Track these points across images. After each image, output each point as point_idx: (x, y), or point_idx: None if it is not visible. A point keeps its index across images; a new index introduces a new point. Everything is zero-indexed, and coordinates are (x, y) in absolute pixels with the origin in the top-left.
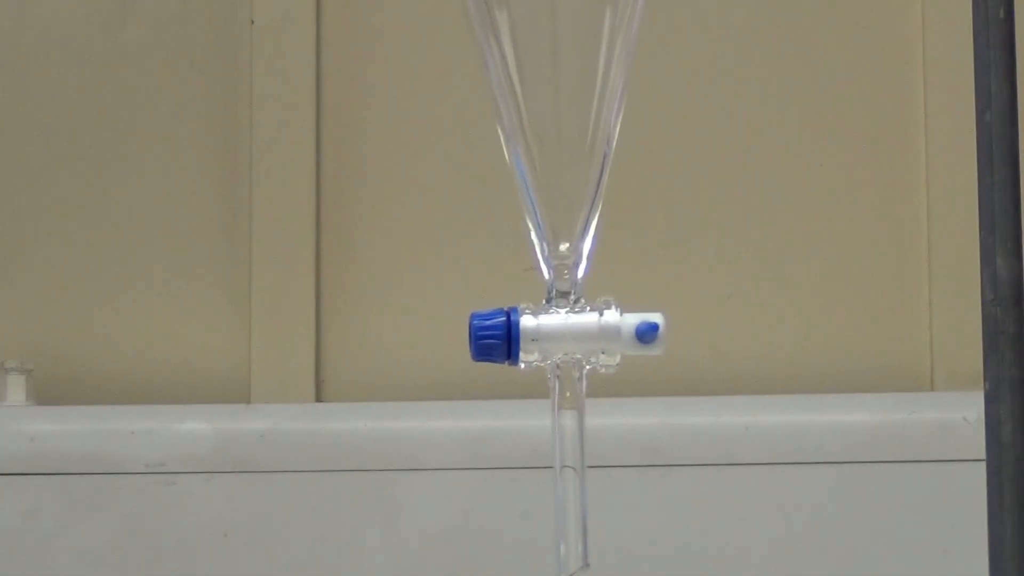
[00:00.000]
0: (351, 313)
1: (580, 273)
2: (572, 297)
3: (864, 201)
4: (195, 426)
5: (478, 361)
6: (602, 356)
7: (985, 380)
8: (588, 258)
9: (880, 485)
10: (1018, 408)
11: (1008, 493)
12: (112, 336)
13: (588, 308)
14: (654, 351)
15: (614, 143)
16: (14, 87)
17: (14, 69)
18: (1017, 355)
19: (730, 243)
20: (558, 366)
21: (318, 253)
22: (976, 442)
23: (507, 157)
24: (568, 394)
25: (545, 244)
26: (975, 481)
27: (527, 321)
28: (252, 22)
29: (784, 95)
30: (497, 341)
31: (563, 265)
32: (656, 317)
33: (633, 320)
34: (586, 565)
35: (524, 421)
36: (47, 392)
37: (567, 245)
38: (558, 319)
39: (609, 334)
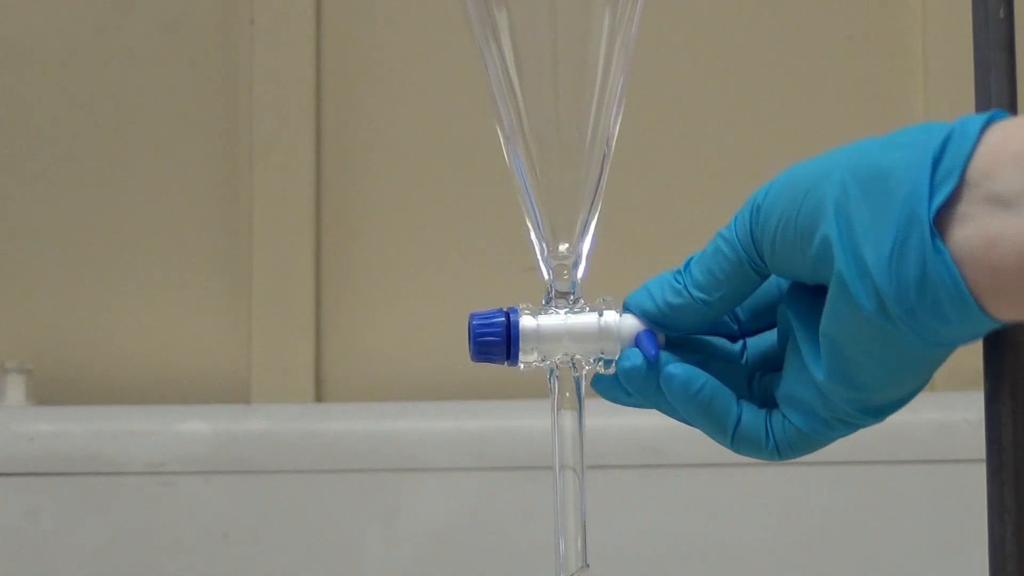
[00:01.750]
0: (351, 313)
1: (579, 273)
2: (571, 297)
3: None
4: (195, 426)
5: (477, 362)
6: (602, 356)
7: (985, 380)
8: (587, 258)
9: (880, 485)
10: (1018, 409)
11: (1008, 493)
12: (112, 336)
13: (588, 308)
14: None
15: (614, 143)
16: (13, 87)
17: (13, 69)
18: (1017, 355)
19: None
20: (558, 366)
21: (318, 253)
22: (976, 442)
23: (506, 157)
24: (568, 394)
25: (544, 244)
26: (975, 481)
27: (526, 321)
28: (252, 22)
29: (783, 95)
30: (496, 341)
31: (562, 265)
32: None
33: (632, 321)
34: (586, 566)
35: (524, 421)
36: (47, 392)
37: (566, 245)
38: (557, 319)
39: (608, 334)
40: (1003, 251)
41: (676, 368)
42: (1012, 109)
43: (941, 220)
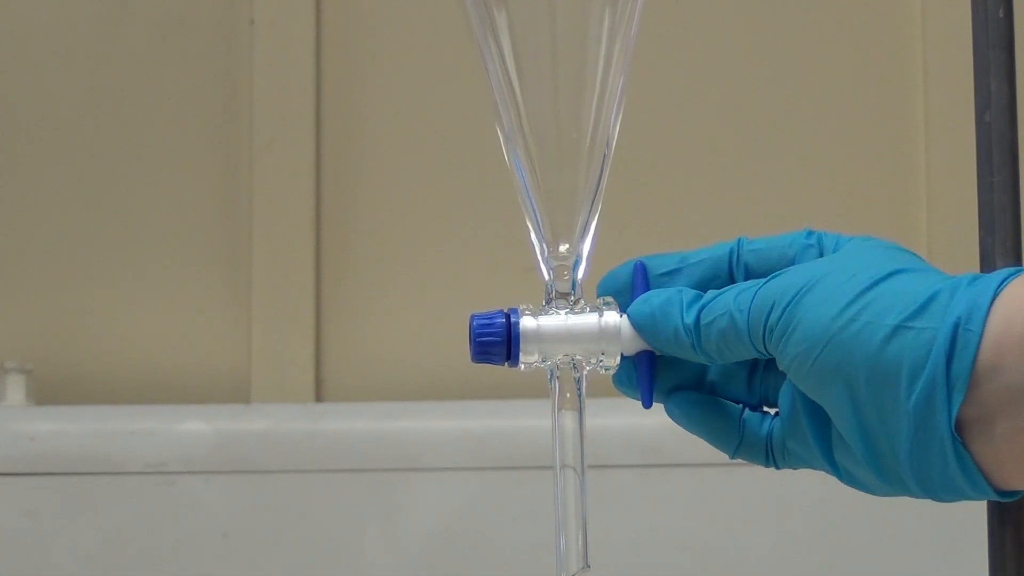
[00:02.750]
0: (351, 313)
1: (580, 274)
2: (572, 298)
3: (864, 201)
4: (195, 426)
5: (477, 362)
6: (602, 357)
7: None
8: (588, 259)
9: None
10: None
11: None
12: (112, 336)
13: (588, 309)
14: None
15: (614, 143)
16: (13, 87)
17: (13, 69)
18: None
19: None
20: (558, 367)
21: (318, 253)
22: None
23: (506, 157)
24: (568, 395)
25: (544, 245)
26: None
27: (527, 322)
28: (252, 22)
29: (783, 96)
30: (497, 342)
31: (563, 266)
32: None
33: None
34: (586, 566)
35: (524, 421)
36: (47, 392)
37: (567, 246)
38: (558, 320)
39: (609, 335)
40: (1020, 447)
41: (676, 402)
42: (1012, 109)
43: (958, 421)
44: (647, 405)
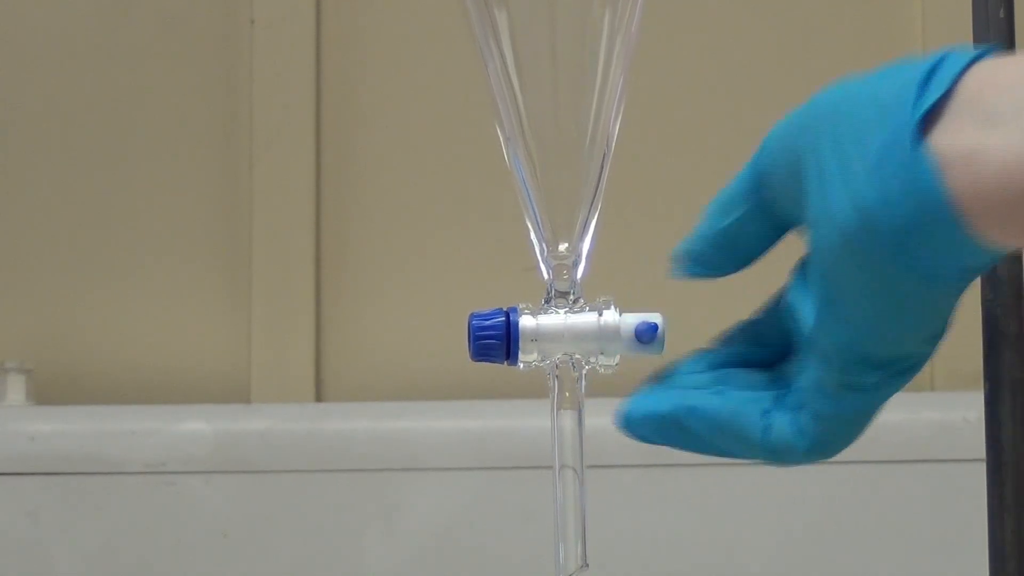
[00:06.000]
0: (351, 313)
1: (579, 273)
2: (571, 297)
3: None
4: (195, 426)
5: (477, 361)
6: (601, 356)
7: (985, 380)
8: (587, 258)
9: (880, 485)
10: (1018, 409)
11: (1008, 493)
12: (112, 336)
13: (587, 308)
14: (654, 351)
15: (614, 143)
16: (13, 87)
17: (13, 69)
18: (1017, 355)
19: None
20: (557, 366)
21: (318, 253)
22: (976, 442)
23: (506, 157)
24: (567, 394)
25: (544, 244)
26: (975, 481)
27: (526, 321)
28: (252, 22)
29: (783, 95)
30: (496, 341)
31: (562, 265)
32: (655, 317)
33: (632, 320)
34: (585, 566)
35: (524, 421)
36: (47, 392)
37: (566, 245)
38: (557, 319)
39: (608, 334)
40: (983, 162)
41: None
42: None
43: (926, 131)
44: (651, 335)
